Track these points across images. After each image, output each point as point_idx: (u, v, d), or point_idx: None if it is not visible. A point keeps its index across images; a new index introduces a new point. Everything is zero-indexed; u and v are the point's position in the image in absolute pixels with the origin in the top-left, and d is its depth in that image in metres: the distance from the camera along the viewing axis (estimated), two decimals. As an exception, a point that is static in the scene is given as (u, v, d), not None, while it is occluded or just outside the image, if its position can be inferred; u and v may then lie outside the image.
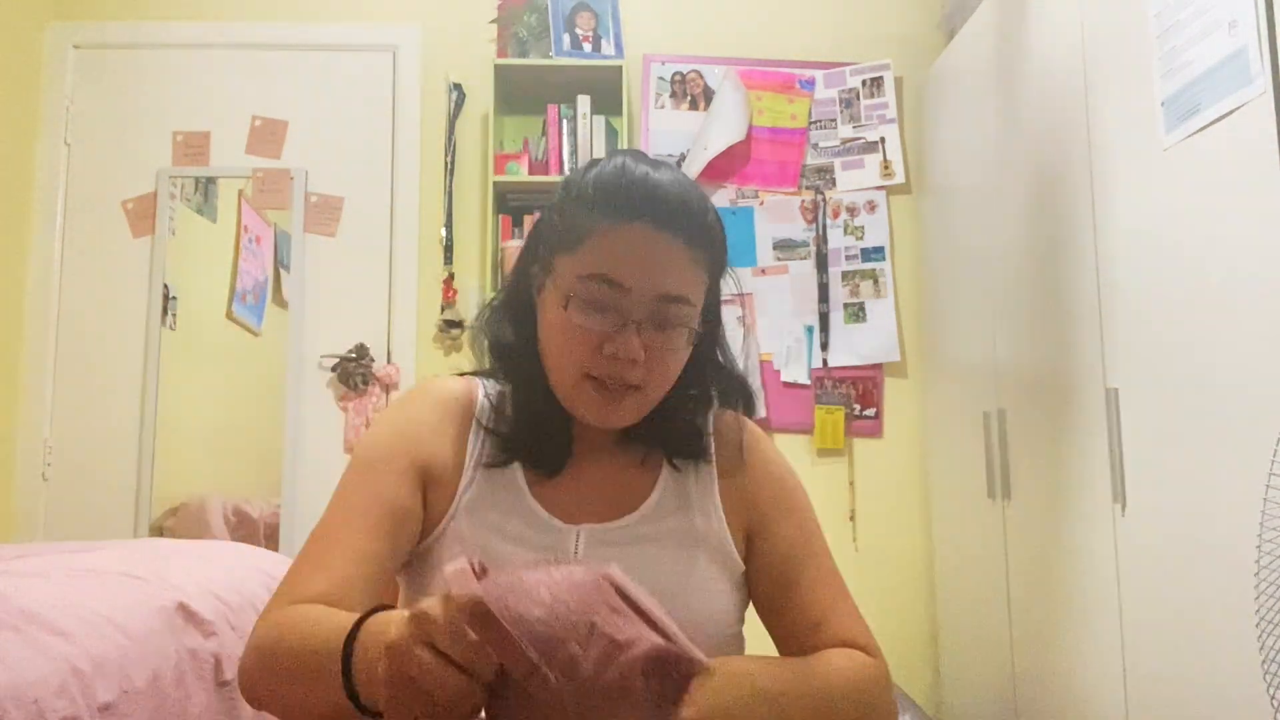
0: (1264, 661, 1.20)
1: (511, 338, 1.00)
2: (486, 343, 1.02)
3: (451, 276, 2.85)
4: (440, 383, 1.03)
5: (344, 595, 0.83)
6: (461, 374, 1.05)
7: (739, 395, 1.06)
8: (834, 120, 2.92)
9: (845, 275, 2.86)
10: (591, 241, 0.90)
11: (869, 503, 2.81)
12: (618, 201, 0.90)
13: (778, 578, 0.97)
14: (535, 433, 0.97)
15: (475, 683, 0.59)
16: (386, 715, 0.60)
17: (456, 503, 0.94)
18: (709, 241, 0.94)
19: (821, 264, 2.85)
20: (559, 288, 0.91)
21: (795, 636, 0.95)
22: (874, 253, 2.87)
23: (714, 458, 1.02)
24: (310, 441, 2.78)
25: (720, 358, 1.04)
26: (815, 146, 2.91)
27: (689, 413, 1.02)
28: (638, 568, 0.89)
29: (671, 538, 0.95)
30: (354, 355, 2.80)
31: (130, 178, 2.87)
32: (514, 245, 2.72)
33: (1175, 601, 1.52)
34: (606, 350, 0.89)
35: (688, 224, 0.91)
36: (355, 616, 0.72)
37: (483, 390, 1.02)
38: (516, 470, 0.97)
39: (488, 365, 1.04)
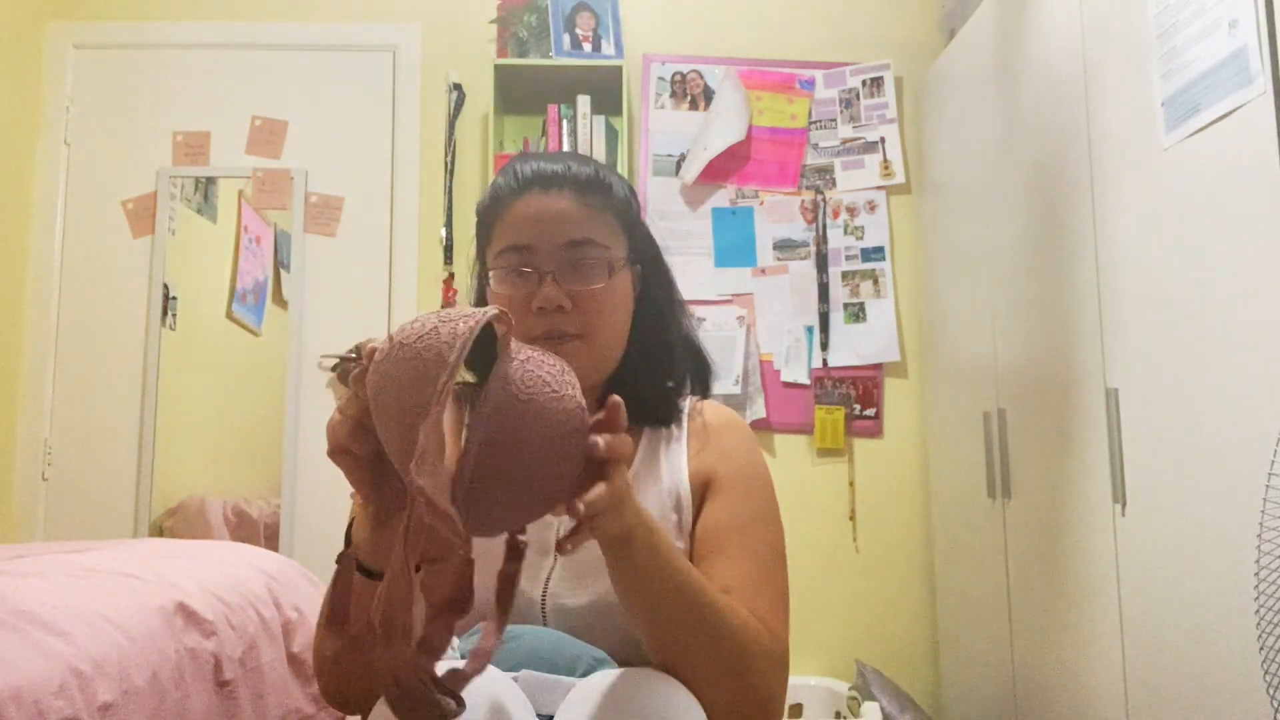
0: (1264, 661, 1.20)
1: None
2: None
3: (451, 276, 2.85)
4: None
5: None
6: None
7: (695, 368, 1.10)
8: (834, 120, 2.92)
9: (845, 275, 2.86)
10: (497, 228, 1.01)
11: (869, 503, 2.81)
12: (511, 184, 1.02)
13: (702, 547, 0.97)
14: None
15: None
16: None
17: None
18: (601, 189, 1.02)
19: (821, 264, 2.85)
20: (489, 274, 1.01)
21: None
22: (874, 253, 2.87)
23: (685, 431, 1.06)
24: (310, 441, 2.78)
25: (681, 327, 1.09)
26: (815, 146, 2.91)
27: (654, 376, 1.05)
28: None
29: None
30: (354, 355, 2.80)
31: (130, 178, 2.87)
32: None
33: (1175, 601, 1.52)
34: (535, 305, 0.96)
35: (573, 179, 1.00)
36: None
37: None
38: None
39: None
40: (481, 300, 1.08)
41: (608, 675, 0.82)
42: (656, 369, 1.05)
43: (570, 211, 0.99)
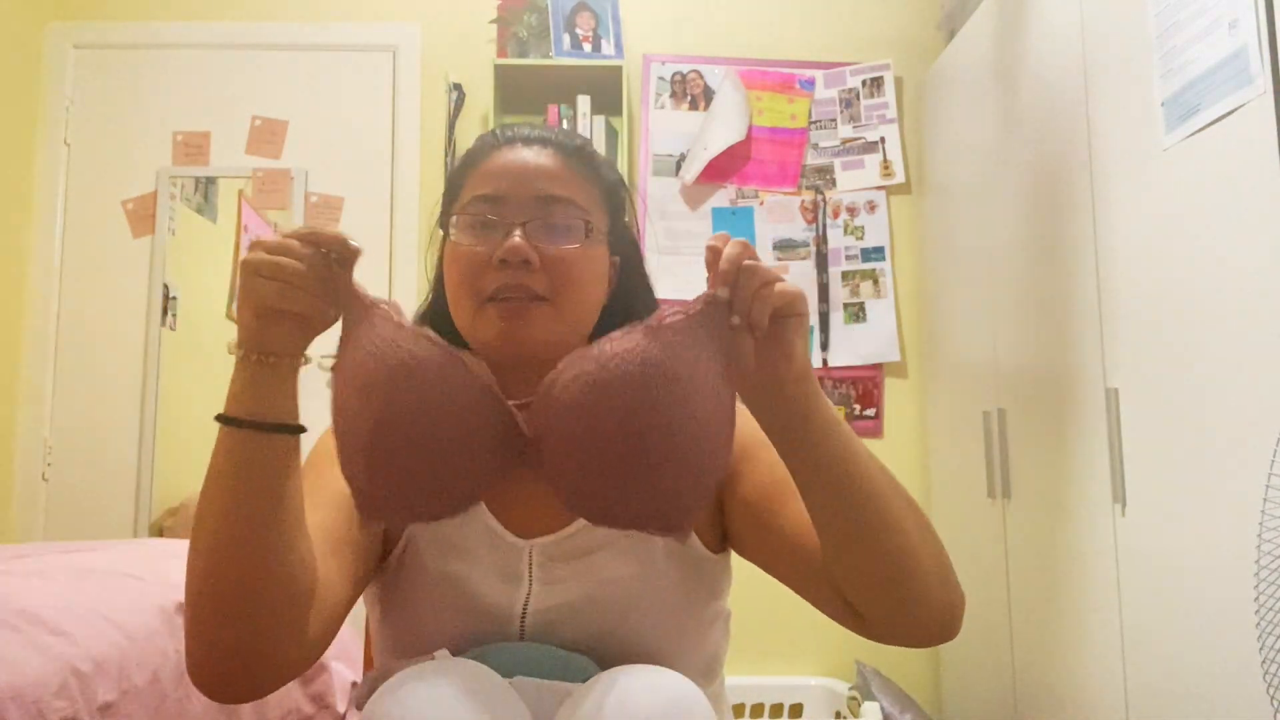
0: (1264, 661, 1.20)
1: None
2: None
3: (451, 276, 2.85)
4: None
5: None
6: None
7: None
8: (834, 120, 2.92)
9: (845, 275, 2.86)
10: (467, 182, 0.92)
11: (869, 503, 2.81)
12: (485, 143, 0.94)
13: (756, 517, 0.90)
14: None
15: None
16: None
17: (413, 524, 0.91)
18: (586, 159, 0.93)
19: (821, 264, 2.85)
20: (451, 234, 0.91)
21: (792, 548, 0.86)
22: (874, 253, 2.87)
23: None
24: (310, 441, 2.77)
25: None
26: (815, 146, 2.91)
27: None
28: (592, 581, 0.88)
29: (625, 538, 0.90)
30: (354, 355, 2.80)
31: (130, 178, 2.87)
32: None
33: (1175, 601, 1.52)
34: (497, 258, 0.85)
35: (558, 141, 0.92)
36: None
37: None
38: None
39: None
40: (438, 293, 0.96)
41: (611, 674, 0.78)
42: None
43: (551, 168, 0.90)
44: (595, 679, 0.79)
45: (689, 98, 2.93)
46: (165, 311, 2.81)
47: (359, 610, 1.13)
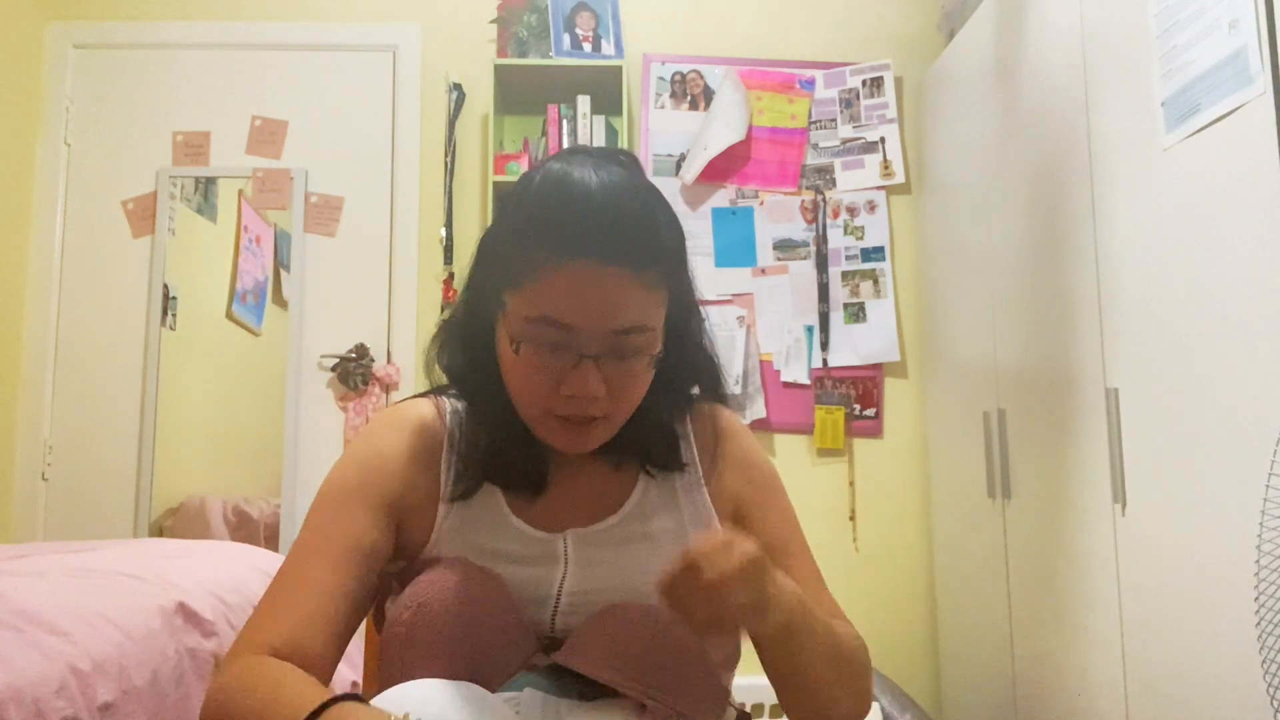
0: (1264, 661, 1.20)
1: (466, 364, 0.97)
2: (444, 367, 1.00)
3: (451, 276, 2.85)
4: (407, 411, 1.01)
5: (307, 636, 0.84)
6: (427, 393, 1.03)
7: (707, 381, 1.03)
8: (834, 120, 2.92)
9: (845, 275, 2.86)
10: (533, 281, 0.85)
11: (869, 503, 2.81)
12: (556, 236, 0.84)
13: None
14: (509, 457, 0.96)
15: None
16: None
17: (437, 530, 0.94)
18: (658, 256, 0.88)
19: (821, 264, 2.85)
20: (509, 327, 0.88)
21: None
22: (874, 253, 2.87)
23: (696, 458, 1.01)
24: (310, 441, 2.78)
25: (696, 349, 1.00)
26: (815, 146, 2.91)
27: (664, 419, 1.00)
28: (629, 568, 0.92)
29: (664, 536, 0.95)
30: (354, 355, 2.80)
31: (130, 178, 2.87)
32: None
33: (1175, 601, 1.52)
34: (564, 390, 0.86)
35: (632, 248, 0.85)
36: (317, 694, 0.75)
37: (450, 411, 1.00)
38: (495, 492, 0.96)
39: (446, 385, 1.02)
40: (476, 319, 0.95)
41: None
42: (665, 414, 1.00)
43: (625, 293, 0.85)
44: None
45: (689, 98, 2.93)
46: (165, 311, 2.81)
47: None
